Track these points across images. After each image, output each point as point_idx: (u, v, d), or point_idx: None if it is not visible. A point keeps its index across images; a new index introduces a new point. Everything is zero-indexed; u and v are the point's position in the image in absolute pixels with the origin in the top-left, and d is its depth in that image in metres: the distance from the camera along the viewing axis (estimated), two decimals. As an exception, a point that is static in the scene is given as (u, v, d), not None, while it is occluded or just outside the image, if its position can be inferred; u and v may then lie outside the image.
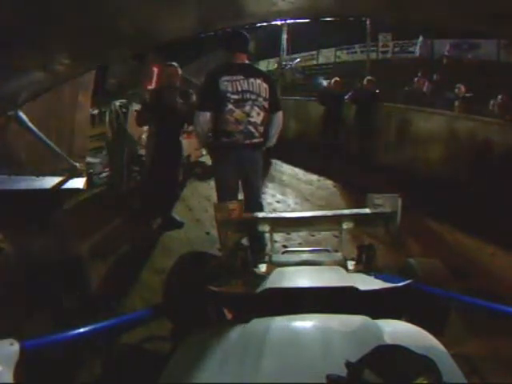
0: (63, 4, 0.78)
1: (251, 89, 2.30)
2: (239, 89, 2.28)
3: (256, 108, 2.32)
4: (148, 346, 1.80)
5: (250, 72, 2.35)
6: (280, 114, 2.50)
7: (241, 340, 0.79)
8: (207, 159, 3.38)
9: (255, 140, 2.38)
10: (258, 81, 2.33)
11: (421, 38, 9.06)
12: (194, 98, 3.17)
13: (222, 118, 2.29)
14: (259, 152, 2.49)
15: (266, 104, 2.36)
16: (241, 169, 2.43)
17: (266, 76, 2.44)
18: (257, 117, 2.34)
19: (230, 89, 2.26)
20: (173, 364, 0.78)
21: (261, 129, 2.39)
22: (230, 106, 2.27)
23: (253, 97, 2.30)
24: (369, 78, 5.65)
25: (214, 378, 0.70)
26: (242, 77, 2.29)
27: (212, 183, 3.50)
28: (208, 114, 2.32)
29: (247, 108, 2.30)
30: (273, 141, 2.53)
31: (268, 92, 2.37)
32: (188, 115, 2.92)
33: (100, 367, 1.65)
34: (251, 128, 2.34)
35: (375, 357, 0.54)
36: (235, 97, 2.27)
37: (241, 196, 2.51)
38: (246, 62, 2.41)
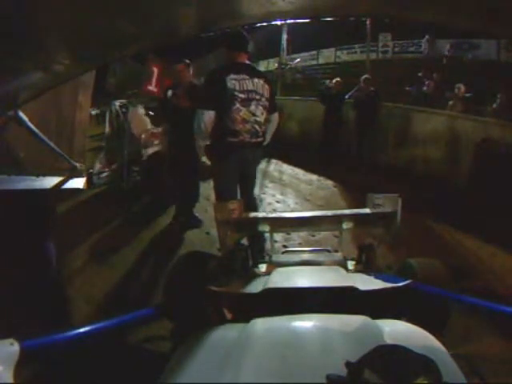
0: (63, 4, 0.78)
1: (256, 89, 2.33)
2: (245, 88, 2.30)
3: (260, 107, 2.36)
4: (148, 346, 1.80)
5: (253, 72, 2.39)
6: (277, 115, 2.58)
7: (241, 340, 0.79)
8: (207, 159, 3.39)
9: (259, 139, 2.43)
10: (261, 81, 2.37)
11: (426, 37, 9.06)
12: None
13: (228, 116, 2.29)
14: (260, 150, 2.53)
15: (267, 104, 2.41)
16: (244, 167, 2.45)
17: (266, 77, 2.48)
18: (261, 116, 2.38)
19: (237, 87, 2.27)
20: (173, 364, 0.78)
21: (263, 128, 2.44)
22: (238, 105, 2.28)
23: (257, 96, 2.34)
24: (366, 76, 5.61)
25: (214, 377, 0.70)
26: (247, 76, 2.31)
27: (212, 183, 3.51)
28: (213, 113, 2.30)
29: (253, 107, 2.33)
30: (268, 139, 2.58)
31: (269, 92, 2.41)
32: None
33: (100, 367, 1.65)
34: (257, 127, 2.37)
35: (375, 357, 0.54)
36: (242, 96, 2.29)
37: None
38: (247, 62, 2.43)
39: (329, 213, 1.59)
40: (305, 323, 0.84)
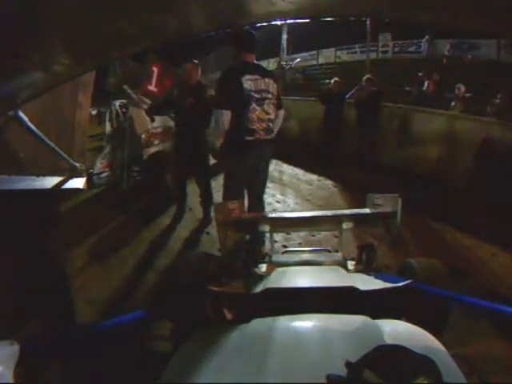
0: (63, 4, 0.78)
1: (267, 88, 2.38)
2: (259, 88, 2.34)
3: (272, 106, 2.42)
4: (148, 346, 1.80)
5: (263, 72, 2.43)
6: (283, 112, 2.63)
7: (241, 340, 0.79)
8: (214, 158, 3.40)
9: (271, 135, 2.48)
10: (271, 80, 2.41)
11: (426, 37, 9.05)
12: (210, 91, 3.14)
13: (245, 116, 2.31)
14: (272, 146, 2.57)
15: (275, 102, 2.46)
16: (257, 165, 2.49)
17: (273, 76, 2.53)
18: (272, 114, 2.44)
19: (252, 88, 2.31)
20: (173, 364, 0.78)
21: (274, 125, 2.50)
22: (254, 105, 2.32)
23: (269, 95, 2.39)
24: (368, 76, 5.59)
25: (214, 378, 0.70)
26: (259, 76, 2.35)
27: (213, 183, 3.51)
28: (230, 113, 2.31)
29: (265, 106, 2.38)
30: (273, 136, 2.61)
31: (276, 91, 2.46)
32: (202, 110, 2.95)
33: (100, 367, 1.65)
34: (270, 124, 2.43)
35: (375, 357, 0.54)
36: (257, 96, 2.33)
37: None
38: (255, 62, 2.46)
39: (329, 213, 1.59)
40: (305, 323, 0.84)
